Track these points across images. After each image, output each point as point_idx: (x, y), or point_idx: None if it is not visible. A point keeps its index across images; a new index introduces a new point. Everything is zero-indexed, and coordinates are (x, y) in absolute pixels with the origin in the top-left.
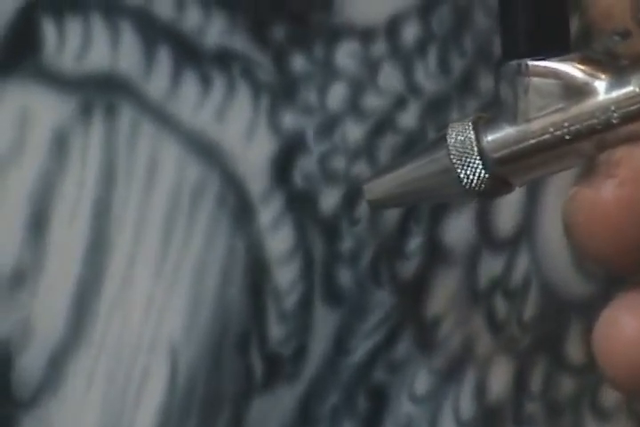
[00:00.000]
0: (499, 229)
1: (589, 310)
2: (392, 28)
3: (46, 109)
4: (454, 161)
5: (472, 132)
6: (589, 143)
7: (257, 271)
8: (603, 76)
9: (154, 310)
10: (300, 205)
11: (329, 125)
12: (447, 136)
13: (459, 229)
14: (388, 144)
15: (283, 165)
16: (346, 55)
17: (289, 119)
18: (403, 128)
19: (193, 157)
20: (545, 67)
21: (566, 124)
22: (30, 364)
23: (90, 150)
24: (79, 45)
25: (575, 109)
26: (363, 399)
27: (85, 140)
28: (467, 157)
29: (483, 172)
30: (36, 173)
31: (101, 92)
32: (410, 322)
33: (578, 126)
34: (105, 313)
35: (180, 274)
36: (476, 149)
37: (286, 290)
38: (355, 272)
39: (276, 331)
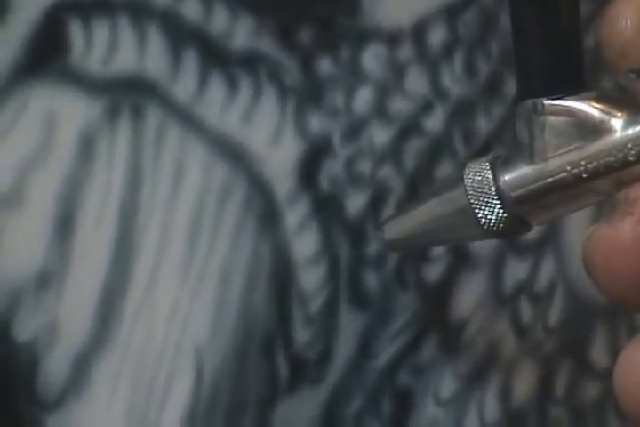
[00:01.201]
0: None
1: (614, 315)
2: (418, 31)
3: (73, 112)
4: (472, 201)
5: (489, 171)
6: (607, 181)
7: (282, 275)
8: (619, 114)
9: (179, 314)
10: (325, 208)
11: (355, 129)
12: (464, 176)
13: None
14: (413, 148)
15: (309, 169)
16: (372, 59)
17: (315, 122)
18: (428, 132)
19: (219, 160)
20: (561, 105)
21: (583, 163)
22: (56, 366)
23: (116, 153)
24: (106, 48)
25: (592, 148)
26: (388, 403)
27: (112, 142)
28: (484, 197)
29: (501, 211)
30: (62, 175)
31: (128, 95)
32: (435, 326)
33: (595, 165)
34: (130, 316)
35: (206, 277)
36: (493, 188)
37: (312, 293)
38: (380, 276)
39: (301, 334)
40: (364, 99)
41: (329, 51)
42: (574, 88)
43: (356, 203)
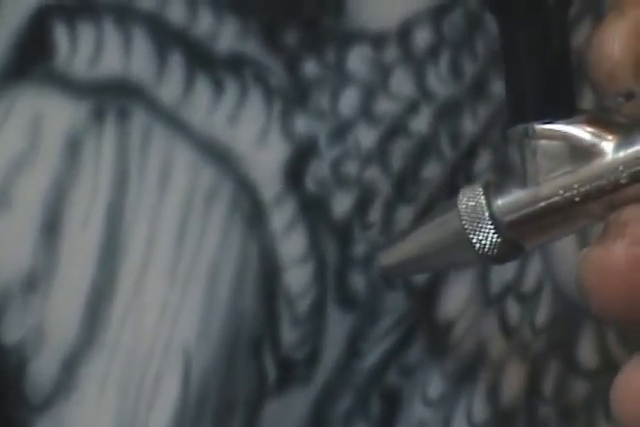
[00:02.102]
0: None
1: None
2: (404, 32)
3: (59, 115)
4: (466, 226)
5: (483, 196)
6: (599, 204)
7: (269, 276)
8: (610, 137)
9: (167, 315)
10: (312, 209)
11: (341, 130)
12: (458, 201)
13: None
14: (400, 149)
15: (295, 170)
16: (358, 60)
17: (301, 124)
18: (414, 132)
19: (205, 161)
20: (552, 129)
21: (576, 186)
22: (44, 368)
23: (103, 155)
24: (91, 51)
25: (584, 171)
26: (376, 403)
27: (98, 144)
28: (478, 222)
29: (495, 236)
30: (49, 177)
31: (114, 98)
32: (422, 326)
33: (587, 188)
34: (118, 317)
35: (193, 278)
36: (487, 213)
37: (299, 294)
38: (367, 276)
39: (288, 335)
40: (349, 100)
41: (314, 52)
42: (566, 112)
43: (342, 204)
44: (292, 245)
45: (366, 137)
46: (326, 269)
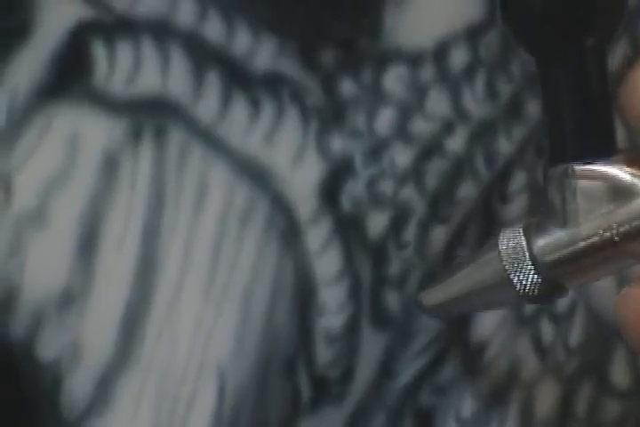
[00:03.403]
0: None
1: None
2: (440, 53)
3: (96, 132)
4: (507, 267)
5: (523, 237)
6: (639, 244)
7: (304, 294)
8: None
9: (202, 333)
10: (347, 228)
11: (377, 150)
12: (499, 242)
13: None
14: (435, 168)
15: (331, 189)
16: (394, 80)
17: (337, 143)
18: (450, 153)
19: (242, 180)
20: (592, 170)
21: (615, 226)
22: (79, 385)
23: (139, 173)
24: (129, 69)
25: (623, 211)
26: (409, 422)
27: (135, 163)
28: (519, 263)
29: (535, 277)
30: (86, 195)
31: (151, 116)
32: (456, 346)
33: (626, 228)
34: (153, 335)
35: (228, 297)
36: (527, 254)
37: (334, 313)
38: (402, 296)
39: (323, 353)
40: (385, 120)
41: (351, 72)
42: (605, 153)
43: (377, 223)
44: (326, 263)
45: (402, 157)
46: (361, 287)
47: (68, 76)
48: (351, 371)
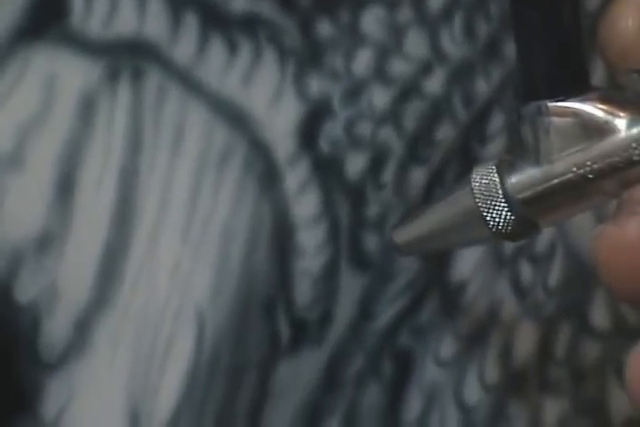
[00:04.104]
0: None
1: None
2: None
3: (73, 74)
4: (480, 204)
5: (496, 174)
6: (612, 181)
7: (283, 236)
8: (622, 115)
9: (180, 276)
10: (326, 170)
11: (355, 91)
12: (471, 179)
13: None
14: (413, 110)
15: (309, 131)
16: (372, 21)
17: (315, 85)
18: (428, 94)
19: (219, 121)
20: (565, 107)
21: (589, 163)
22: (57, 327)
23: (116, 115)
24: (106, 11)
25: (597, 148)
26: (388, 364)
27: (112, 104)
28: (492, 200)
29: (509, 214)
30: (63, 137)
31: (128, 57)
32: (435, 287)
33: (600, 165)
34: (131, 278)
35: (207, 239)
36: (500, 191)
37: (312, 254)
38: (381, 237)
39: (301, 295)
40: (363, 61)
41: (328, 13)
42: (579, 90)
43: (355, 164)
44: (305, 205)
45: (380, 98)
46: (339, 229)
47: (45, 18)
48: (330, 313)
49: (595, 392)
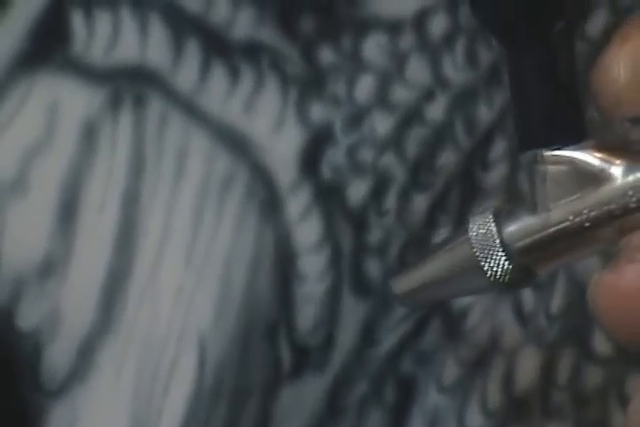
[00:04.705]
0: None
1: None
2: (419, 20)
3: (75, 101)
4: (477, 254)
5: (493, 224)
6: (609, 229)
7: (285, 262)
8: (618, 162)
9: (182, 301)
10: (328, 196)
11: (357, 117)
12: (469, 229)
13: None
14: (415, 136)
15: (311, 157)
16: (373, 47)
17: (317, 111)
18: (430, 120)
19: (221, 148)
20: (561, 156)
21: (585, 212)
22: (60, 353)
23: (119, 141)
24: (108, 37)
25: (593, 196)
26: (391, 390)
27: (114, 131)
28: (489, 250)
29: (506, 263)
30: (65, 163)
31: (130, 84)
32: (437, 313)
33: (597, 213)
34: (134, 303)
35: (209, 264)
36: (497, 240)
37: (314, 281)
38: (383, 263)
39: (303, 321)
40: (365, 87)
41: (330, 40)
42: (574, 138)
43: (357, 191)
44: (307, 231)
45: (382, 124)
46: (341, 255)
47: (47, 44)
48: (332, 339)
49: (597, 417)
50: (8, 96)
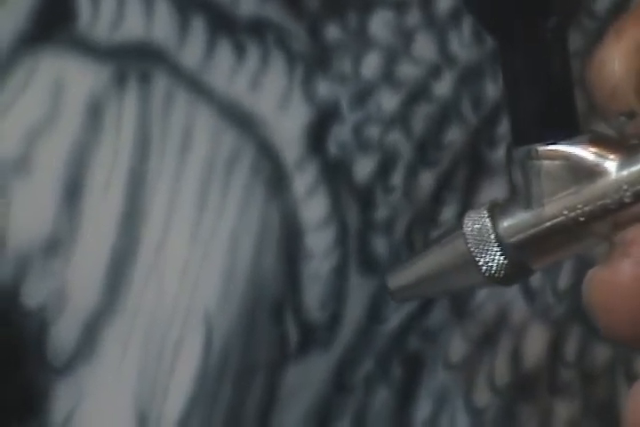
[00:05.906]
0: None
1: None
2: None
3: (81, 79)
4: (472, 249)
5: (488, 219)
6: (604, 224)
7: (291, 239)
8: (612, 157)
9: (188, 279)
10: (334, 173)
11: (363, 94)
12: (464, 224)
13: (493, 198)
14: (422, 113)
15: (317, 134)
16: (380, 24)
17: (323, 88)
18: (437, 97)
19: (227, 125)
20: (555, 150)
21: (580, 206)
22: (65, 331)
23: (124, 119)
24: (113, 15)
25: (587, 191)
26: (397, 367)
27: (120, 108)
28: (484, 245)
29: (501, 258)
30: (70, 141)
31: (136, 62)
32: None
33: (591, 207)
34: (140, 281)
35: (215, 242)
36: (492, 236)
37: (321, 258)
38: (389, 240)
39: (310, 299)
40: (371, 64)
41: (336, 17)
42: (568, 133)
43: (364, 168)
44: (313, 208)
45: (388, 101)
46: (347, 233)
47: (52, 22)
48: (339, 316)
49: (605, 394)
50: (13, 74)
